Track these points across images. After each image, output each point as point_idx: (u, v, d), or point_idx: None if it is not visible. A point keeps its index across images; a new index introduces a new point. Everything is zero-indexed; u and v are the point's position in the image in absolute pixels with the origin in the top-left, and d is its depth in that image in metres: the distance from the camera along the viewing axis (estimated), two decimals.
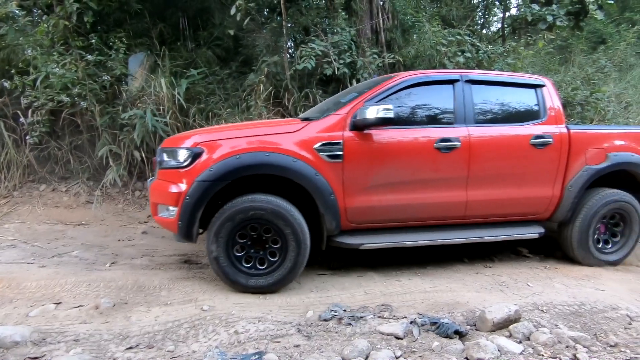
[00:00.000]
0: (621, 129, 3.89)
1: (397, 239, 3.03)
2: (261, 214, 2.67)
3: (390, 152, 2.94)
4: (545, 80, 3.51)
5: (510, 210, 3.30)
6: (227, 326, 2.30)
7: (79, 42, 4.89)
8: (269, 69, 5.08)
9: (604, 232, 3.56)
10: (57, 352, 2.03)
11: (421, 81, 3.17)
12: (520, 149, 3.20)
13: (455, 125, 3.12)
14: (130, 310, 2.52)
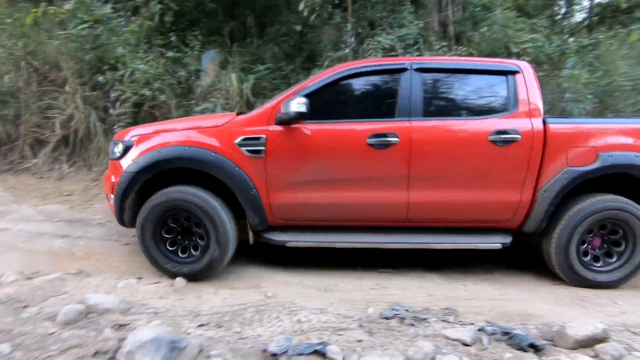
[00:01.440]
0: (622, 122, 2.96)
1: (328, 239, 2.86)
2: (181, 205, 2.74)
3: (317, 148, 2.77)
4: (521, 66, 2.94)
5: (464, 216, 2.87)
6: (290, 314, 2.37)
7: (159, 41, 5.31)
8: (332, 64, 5.08)
9: (600, 247, 2.93)
10: (139, 322, 2.23)
11: (362, 71, 2.90)
12: (475, 146, 2.75)
13: (395, 119, 2.80)
14: (200, 290, 2.69)
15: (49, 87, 5.23)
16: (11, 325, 2.04)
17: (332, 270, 3.10)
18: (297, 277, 2.89)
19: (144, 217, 2.80)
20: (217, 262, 2.82)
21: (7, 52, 5.25)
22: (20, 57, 5.20)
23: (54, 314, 2.22)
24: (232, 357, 1.88)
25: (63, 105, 5.07)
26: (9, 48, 5.27)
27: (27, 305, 2.34)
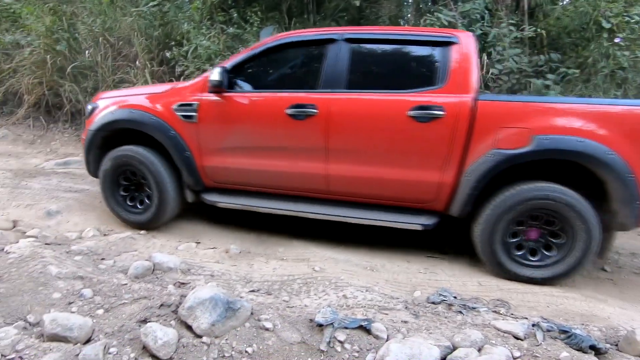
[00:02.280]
0: (567, 102, 2.57)
1: (253, 203, 2.99)
2: (129, 161, 3.09)
3: (241, 116, 2.89)
4: (460, 37, 2.66)
5: (384, 193, 2.76)
6: (337, 289, 2.42)
7: (221, 17, 5.46)
8: None
9: (537, 239, 2.60)
10: (198, 282, 2.42)
11: (291, 41, 2.88)
12: (394, 121, 2.61)
13: (317, 91, 2.75)
14: (252, 259, 2.84)
15: (122, 62, 5.64)
16: (91, 274, 2.31)
17: (380, 250, 3.10)
18: (345, 254, 2.92)
19: (102, 171, 3.23)
20: (159, 216, 3.16)
21: (87, 28, 5.72)
22: (98, 34, 5.65)
23: (125, 267, 2.49)
24: (280, 323, 1.98)
25: (134, 79, 5.46)
26: (89, 25, 5.73)
27: (104, 258, 2.63)
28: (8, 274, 2.15)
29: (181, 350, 1.75)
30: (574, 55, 4.68)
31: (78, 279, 2.23)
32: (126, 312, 1.99)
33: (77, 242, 2.88)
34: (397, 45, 2.82)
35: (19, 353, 1.62)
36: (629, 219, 2.47)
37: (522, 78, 4.48)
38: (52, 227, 3.17)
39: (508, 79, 4.50)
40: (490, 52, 4.64)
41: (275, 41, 2.92)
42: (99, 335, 1.79)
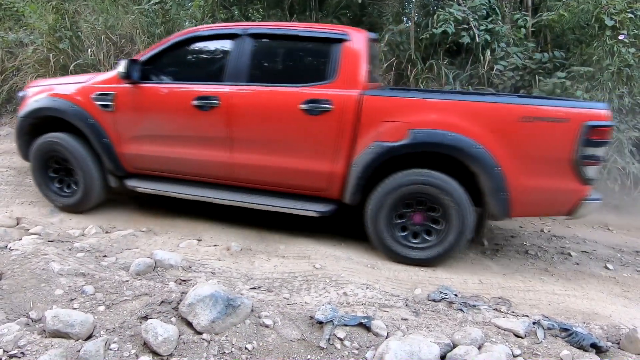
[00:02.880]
0: (438, 97, 2.76)
1: (169, 189, 3.15)
2: (54, 147, 3.24)
3: (154, 106, 3.06)
4: (352, 35, 2.79)
5: (283, 181, 2.94)
6: (337, 287, 2.42)
7: (223, 15, 5.44)
8: (393, 39, 4.88)
9: (421, 223, 2.76)
10: (199, 279, 2.43)
11: (198, 36, 3.04)
12: (288, 114, 2.76)
13: (221, 83, 2.91)
14: (253, 256, 2.84)
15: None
16: (93, 271, 2.33)
17: None
18: (347, 252, 2.92)
19: (32, 155, 3.36)
20: (86, 199, 3.32)
21: (89, 27, 5.74)
22: (101, 32, 5.65)
23: (127, 264, 2.50)
24: (280, 320, 1.98)
25: None
26: (91, 23, 5.74)
27: (106, 255, 2.65)
28: (11, 271, 2.17)
29: (181, 347, 1.76)
30: (577, 53, 4.63)
31: (80, 275, 2.24)
32: (127, 308, 2.00)
33: (79, 239, 2.89)
34: (294, 41, 2.94)
35: (21, 349, 1.63)
36: (497, 209, 2.61)
37: (526, 75, 4.44)
38: (55, 225, 3.19)
39: (513, 75, 4.46)
40: (494, 49, 4.60)
41: (183, 35, 3.07)
42: (100, 332, 1.80)
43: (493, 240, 3.41)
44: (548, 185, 2.53)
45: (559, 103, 2.63)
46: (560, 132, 2.45)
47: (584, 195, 2.55)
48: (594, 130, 2.42)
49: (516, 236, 3.56)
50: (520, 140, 2.51)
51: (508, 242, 3.40)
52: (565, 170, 2.49)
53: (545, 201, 2.62)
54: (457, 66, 4.88)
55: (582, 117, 2.43)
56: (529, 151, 2.51)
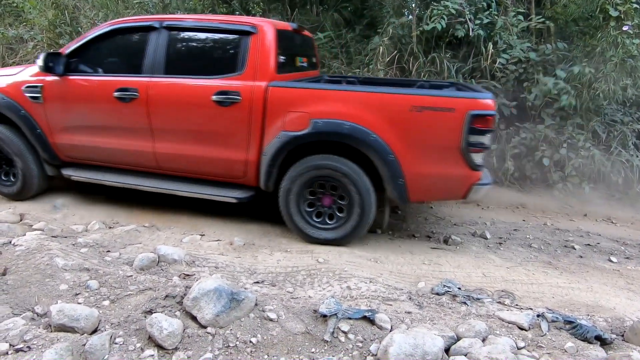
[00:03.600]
0: (337, 88, 2.89)
1: (100, 177, 3.26)
2: None
3: (79, 98, 3.14)
4: (260, 27, 2.86)
5: (202, 169, 3.07)
6: (340, 280, 2.43)
7: (223, 9, 5.41)
8: (395, 32, 4.84)
9: (330, 206, 2.91)
10: (203, 273, 2.43)
11: (119, 28, 3.10)
12: (202, 105, 2.87)
13: (140, 75, 3.01)
14: (256, 250, 2.85)
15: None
16: (98, 266, 2.33)
17: (384, 243, 3.10)
18: (349, 246, 2.92)
19: None
20: (26, 188, 3.42)
21: (89, 22, 5.71)
22: None
23: (131, 259, 2.50)
24: (284, 314, 1.99)
25: None
26: (91, 19, 5.72)
27: (110, 250, 2.65)
28: (15, 266, 2.18)
29: (186, 341, 1.76)
30: (581, 44, 4.59)
31: (84, 270, 2.25)
32: (132, 303, 2.00)
33: (83, 234, 2.90)
34: (206, 34, 3.02)
35: (27, 343, 1.64)
36: (395, 194, 2.73)
37: (529, 67, 4.41)
38: (59, 220, 3.20)
39: (515, 68, 4.43)
40: (497, 42, 4.56)
41: (105, 28, 3.15)
42: (105, 326, 1.81)
43: (496, 234, 3.41)
44: (440, 171, 2.65)
45: (446, 93, 2.77)
46: (447, 121, 2.55)
47: (475, 181, 2.65)
48: (478, 118, 2.51)
49: (519, 230, 3.56)
50: (412, 129, 2.62)
51: (511, 236, 3.40)
52: (455, 157, 2.59)
53: (439, 186, 2.73)
54: (459, 59, 4.85)
55: (467, 106, 2.52)
56: (420, 139, 2.62)
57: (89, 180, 3.31)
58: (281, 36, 2.96)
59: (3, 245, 2.42)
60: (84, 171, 3.36)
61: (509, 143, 4.50)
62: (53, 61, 3.07)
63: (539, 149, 4.34)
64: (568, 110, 4.36)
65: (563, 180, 4.22)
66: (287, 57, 3.16)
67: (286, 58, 3.11)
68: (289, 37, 3.21)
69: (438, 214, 3.81)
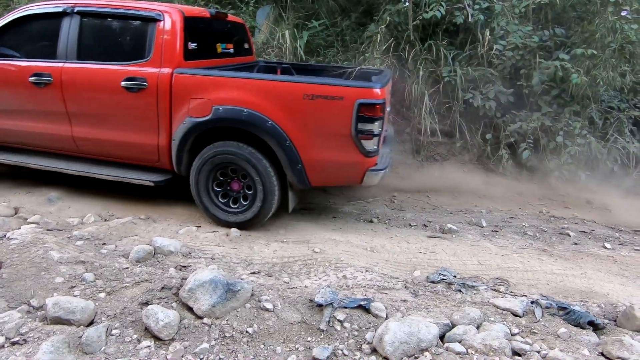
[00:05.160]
0: (238, 75, 2.95)
1: (23, 160, 3.34)
2: None
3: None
4: (164, 14, 2.91)
5: (120, 153, 3.17)
6: (336, 270, 2.44)
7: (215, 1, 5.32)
8: (391, 19, 4.78)
9: (238, 191, 3.01)
10: (199, 265, 2.43)
11: (33, 13, 3.15)
12: (113, 91, 2.95)
13: (54, 61, 3.08)
14: (253, 241, 2.85)
15: None
16: (93, 259, 2.33)
17: (380, 232, 3.11)
18: (346, 236, 2.93)
19: None
20: None
21: None
22: None
23: (127, 251, 2.50)
24: (280, 304, 2.00)
25: None
26: None
27: (105, 242, 2.65)
28: (10, 260, 2.18)
29: (182, 331, 1.77)
30: (579, 30, 4.54)
31: (80, 263, 2.25)
32: (128, 295, 2.01)
33: (78, 227, 2.89)
34: (116, 20, 3.09)
35: (23, 336, 1.65)
36: (296, 179, 2.82)
37: (526, 54, 4.37)
38: (54, 214, 3.18)
39: (512, 55, 4.39)
40: (494, 27, 4.51)
41: (20, 12, 3.21)
42: (101, 318, 1.82)
43: (492, 222, 3.42)
44: (335, 157, 2.74)
45: (336, 82, 2.81)
46: (338, 109, 2.64)
47: (369, 166, 2.74)
48: (367, 107, 2.60)
49: (515, 217, 3.57)
50: (307, 116, 2.70)
51: (507, 224, 3.41)
52: (347, 143, 2.68)
53: (336, 172, 2.83)
54: (456, 46, 4.80)
55: (355, 95, 2.61)
56: (315, 126, 2.71)
57: (15, 163, 3.38)
58: (192, 22, 3.01)
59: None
60: (7, 154, 3.43)
61: (503, 131, 4.49)
62: None
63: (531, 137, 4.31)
64: (565, 97, 4.34)
65: (559, 168, 4.22)
66: (204, 43, 3.21)
67: (201, 44, 3.15)
68: (205, 23, 3.27)
69: (435, 203, 3.82)
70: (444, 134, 4.90)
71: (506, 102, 4.47)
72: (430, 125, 4.61)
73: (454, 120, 4.79)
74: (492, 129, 4.67)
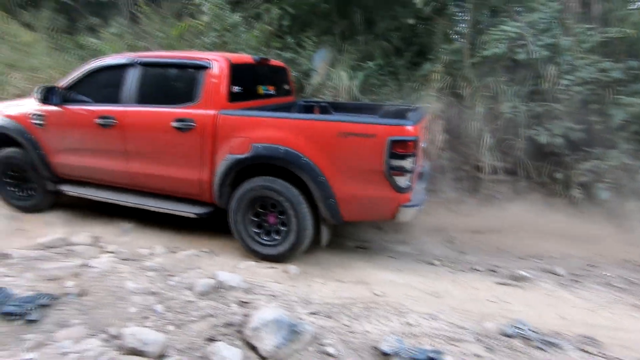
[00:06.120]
0: (275, 116, 3.12)
1: (87, 192, 3.73)
2: (9, 159, 3.95)
3: (70, 124, 3.64)
4: (213, 62, 3.21)
5: (169, 187, 3.42)
6: (399, 315, 2.32)
7: (277, 43, 5.71)
8: (447, 57, 4.79)
9: (274, 224, 3.13)
10: (259, 301, 2.44)
11: (103, 65, 3.59)
12: (164, 130, 3.24)
13: (118, 105, 3.45)
14: (311, 280, 2.83)
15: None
16: (162, 290, 2.44)
17: (442, 275, 2.95)
18: (405, 277, 2.82)
19: None
20: (39, 202, 3.98)
21: None
22: None
23: (191, 284, 2.58)
24: (343, 349, 1.92)
25: None
26: None
27: (172, 274, 2.76)
28: (93, 288, 2.34)
29: None
30: None
31: (151, 294, 2.35)
32: (194, 329, 2.05)
33: (148, 258, 3.06)
34: (173, 68, 3.47)
35: None
36: (329, 213, 2.92)
37: (598, 89, 4.12)
38: (127, 244, 3.41)
39: (581, 89, 4.16)
40: (559, 62, 4.34)
41: (93, 65, 3.64)
42: (171, 352, 1.86)
43: (569, 270, 3.11)
44: (368, 193, 2.81)
45: (368, 120, 2.90)
46: (370, 146, 2.72)
47: (401, 202, 2.77)
48: (398, 144, 2.66)
49: (596, 265, 3.23)
50: (340, 153, 2.81)
51: (587, 272, 3.08)
52: (379, 179, 2.74)
53: (368, 207, 2.88)
54: (516, 82, 4.67)
55: (387, 132, 2.68)
56: (348, 163, 2.81)
57: (79, 194, 3.79)
58: (237, 68, 3.29)
59: (81, 267, 2.62)
60: (76, 187, 3.84)
61: (574, 170, 4.17)
62: (49, 93, 3.61)
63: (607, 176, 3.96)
64: None
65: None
66: (247, 86, 3.48)
67: (245, 87, 3.41)
68: (249, 68, 3.58)
69: (500, 246, 3.58)
70: (506, 171, 4.67)
71: (575, 139, 4.19)
72: (491, 162, 4.43)
73: (516, 158, 4.57)
74: (560, 167, 4.37)
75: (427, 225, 4.13)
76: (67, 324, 2.02)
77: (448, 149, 4.89)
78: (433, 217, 4.19)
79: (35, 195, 3.98)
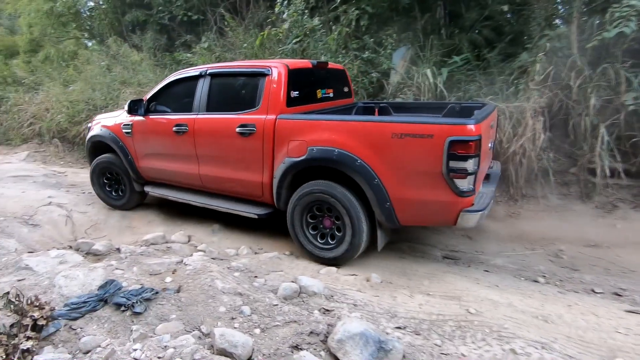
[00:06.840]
0: (330, 118, 3.11)
1: (167, 193, 4.10)
2: (106, 163, 4.50)
3: (152, 132, 4.01)
4: (272, 69, 3.28)
5: (231, 188, 3.60)
6: (500, 340, 2.04)
7: (354, 44, 5.63)
8: (550, 44, 4.21)
9: (330, 227, 3.11)
10: (341, 310, 2.36)
11: (180, 78, 3.89)
12: (229, 136, 3.38)
13: (190, 113, 3.70)
14: (395, 290, 2.65)
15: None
16: (248, 291, 2.49)
17: (550, 296, 2.54)
18: (505, 296, 2.48)
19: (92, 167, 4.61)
20: (128, 200, 4.52)
21: None
22: None
23: (275, 287, 2.61)
24: None
25: None
26: None
27: (256, 276, 2.83)
28: (187, 285, 2.49)
29: None
30: None
31: (238, 295, 2.42)
32: (279, 334, 2.04)
33: (235, 258, 3.19)
34: (237, 77, 3.62)
35: None
36: (384, 217, 2.83)
37: None
38: (215, 243, 3.63)
39: None
40: None
41: (170, 78, 3.99)
42: (258, 356, 1.86)
43: None
44: (425, 196, 2.66)
45: (425, 120, 2.69)
46: (427, 147, 2.57)
47: (463, 207, 2.59)
48: (459, 144, 2.47)
49: None
50: (395, 155, 2.70)
51: None
52: (438, 182, 2.58)
53: (426, 211, 2.73)
54: None
55: (446, 133, 2.51)
56: (403, 165, 2.69)
57: (160, 195, 4.17)
58: (295, 73, 3.33)
59: (177, 264, 2.82)
60: (157, 188, 4.25)
61: None
62: (135, 105, 4.01)
63: None
64: None
65: None
66: (305, 90, 3.52)
67: (303, 92, 3.46)
68: (307, 73, 3.60)
69: (624, 264, 2.99)
70: (628, 174, 3.93)
71: None
72: (609, 164, 3.76)
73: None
74: None
75: (527, 236, 3.65)
76: (166, 319, 2.17)
77: (551, 150, 4.29)
78: (534, 227, 3.70)
79: (125, 196, 4.53)
